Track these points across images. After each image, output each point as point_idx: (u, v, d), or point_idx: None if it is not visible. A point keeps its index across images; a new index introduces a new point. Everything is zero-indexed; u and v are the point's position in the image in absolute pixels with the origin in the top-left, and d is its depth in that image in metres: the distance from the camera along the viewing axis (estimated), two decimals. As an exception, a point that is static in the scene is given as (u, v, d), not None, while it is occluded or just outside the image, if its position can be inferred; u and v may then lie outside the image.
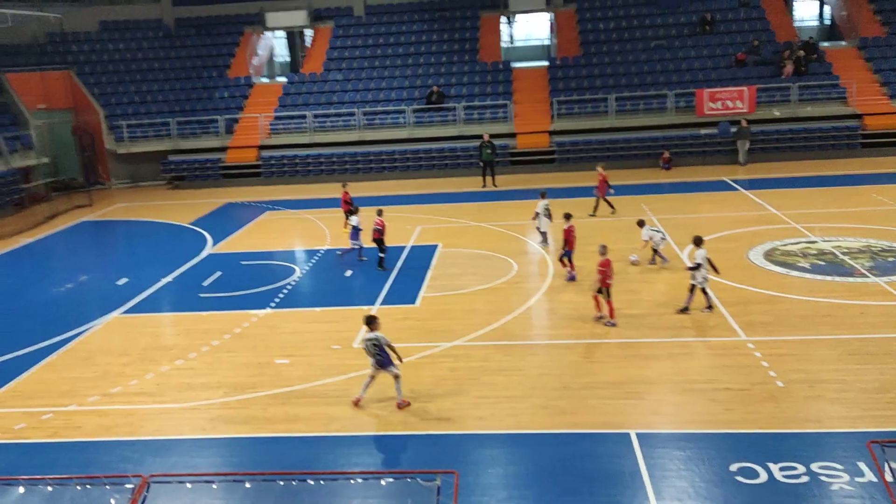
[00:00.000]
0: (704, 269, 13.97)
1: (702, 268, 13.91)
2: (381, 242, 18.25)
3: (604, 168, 22.70)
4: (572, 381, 11.75)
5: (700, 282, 14.02)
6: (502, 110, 31.01)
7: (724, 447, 9.71)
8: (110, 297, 17.42)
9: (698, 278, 13.99)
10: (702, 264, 13.90)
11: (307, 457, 10.04)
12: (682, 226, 20.40)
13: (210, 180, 31.50)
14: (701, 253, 13.96)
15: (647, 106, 30.34)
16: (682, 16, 33.79)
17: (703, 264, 13.91)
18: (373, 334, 11.04)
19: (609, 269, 13.73)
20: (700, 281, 14.01)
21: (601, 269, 13.70)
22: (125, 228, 25.33)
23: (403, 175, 30.51)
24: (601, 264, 13.71)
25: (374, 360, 11.13)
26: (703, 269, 13.93)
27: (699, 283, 14.03)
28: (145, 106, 33.33)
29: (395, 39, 35.07)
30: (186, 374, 12.95)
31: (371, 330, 11.06)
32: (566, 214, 16.83)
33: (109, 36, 36.45)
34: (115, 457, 10.36)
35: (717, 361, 12.16)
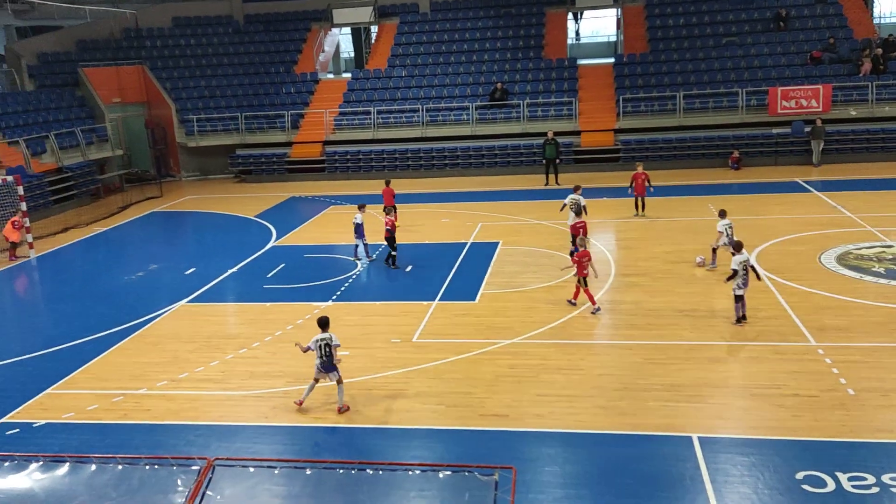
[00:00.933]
0: (740, 277, 13.28)
1: (738, 275, 13.28)
2: (392, 241, 18.33)
3: (643, 167, 22.18)
4: (633, 383, 11.57)
5: (734, 289, 13.45)
6: (567, 108, 30.71)
7: (790, 454, 9.41)
8: (179, 285, 17.97)
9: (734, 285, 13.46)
10: (738, 270, 13.30)
11: (366, 447, 10.17)
12: (751, 227, 19.85)
13: (275, 174, 32.15)
14: (737, 258, 13.38)
15: (717, 104, 29.58)
16: (755, 11, 32.83)
17: (738, 270, 13.29)
18: (325, 335, 11.10)
19: (585, 260, 14.56)
20: (734, 288, 13.44)
21: (576, 260, 14.60)
22: (193, 220, 26.07)
23: (465, 172, 30.54)
24: (578, 255, 14.61)
25: (319, 363, 11.10)
26: (739, 276, 13.28)
27: (734, 290, 13.48)
28: (214, 100, 34.22)
29: (459, 36, 35.10)
30: (250, 362, 13.26)
31: (324, 331, 11.13)
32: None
33: (181, 32, 37.55)
34: (181, 440, 10.69)
35: (785, 367, 11.79)
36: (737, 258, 13.39)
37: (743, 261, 13.31)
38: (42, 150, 28.62)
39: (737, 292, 13.43)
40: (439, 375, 12.24)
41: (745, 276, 13.27)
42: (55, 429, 11.20)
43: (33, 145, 28.18)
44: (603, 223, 21.71)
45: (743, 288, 13.38)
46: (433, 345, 13.49)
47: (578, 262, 14.63)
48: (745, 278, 13.28)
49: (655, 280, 16.29)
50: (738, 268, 13.25)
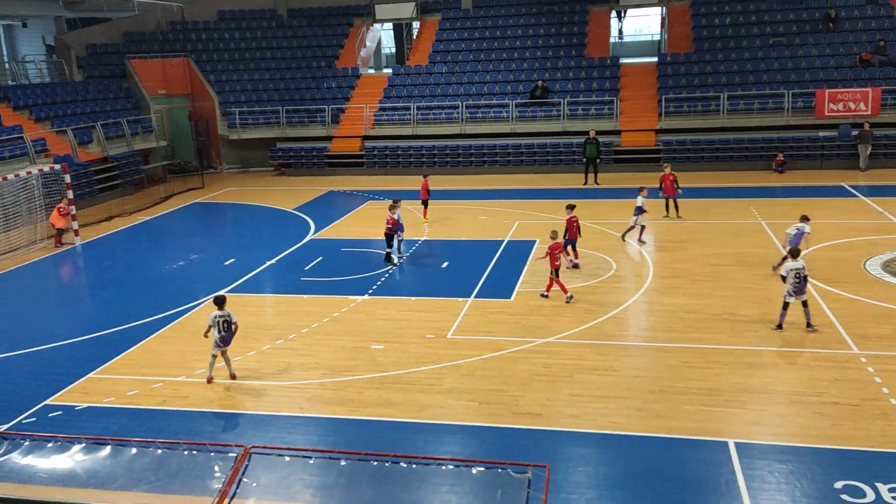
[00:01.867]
0: (790, 283, 13.05)
1: (786, 281, 13.08)
2: (390, 238, 18.46)
3: (671, 168, 21.85)
4: (669, 385, 11.44)
5: (784, 295, 13.21)
6: (608, 107, 30.43)
7: (829, 463, 9.23)
8: (218, 275, 18.25)
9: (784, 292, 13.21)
10: (785, 277, 13.08)
11: (398, 441, 10.23)
12: (793, 232, 19.47)
13: (315, 168, 32.44)
14: (788, 265, 13.13)
15: (762, 106, 29.04)
16: (804, 12, 32.15)
17: (787, 277, 13.04)
18: (223, 312, 12.09)
19: (557, 252, 15.24)
20: (785, 294, 13.20)
21: (548, 251, 15.24)
22: (233, 211, 26.45)
23: (504, 170, 30.47)
24: (550, 247, 15.23)
25: (218, 337, 12.05)
26: (788, 282, 13.06)
27: (784, 297, 13.24)
28: (257, 94, 34.64)
29: (501, 33, 34.99)
30: (286, 353, 13.42)
31: (220, 309, 12.10)
32: (569, 205, 17.61)
33: (226, 25, 38.08)
34: (217, 427, 10.88)
35: (826, 374, 11.56)
36: (788, 265, 13.15)
37: (796, 269, 12.98)
38: (89, 140, 29.28)
39: (786, 299, 13.17)
40: (473, 372, 12.25)
41: (796, 283, 12.97)
42: (96, 412, 11.47)
43: (80, 135, 28.84)
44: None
45: (794, 296, 13.08)
46: (467, 342, 13.51)
47: (551, 253, 15.24)
48: (796, 286, 13.00)
49: (694, 283, 16.08)
50: (788, 275, 13.02)
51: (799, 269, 12.98)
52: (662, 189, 21.52)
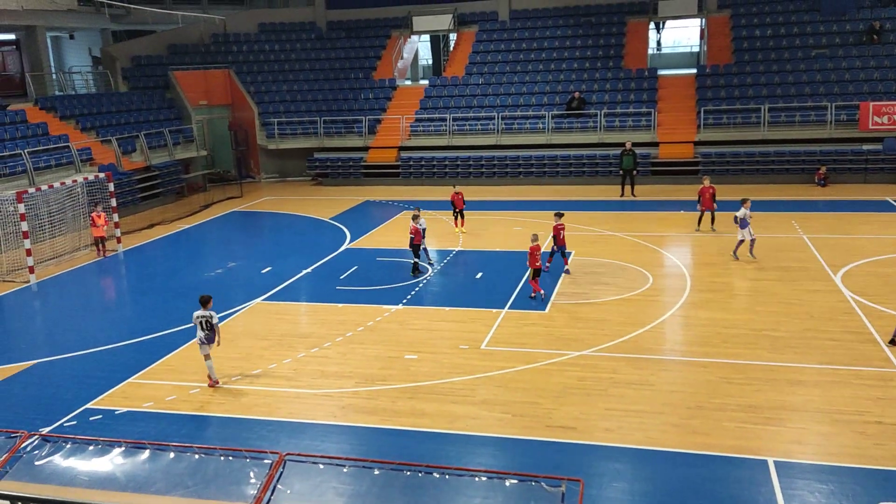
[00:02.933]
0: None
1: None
2: (417, 248, 18.59)
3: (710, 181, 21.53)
4: (707, 401, 11.25)
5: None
6: (645, 118, 30.20)
7: (871, 484, 8.98)
8: (255, 283, 18.48)
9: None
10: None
11: (431, 451, 10.21)
12: (837, 247, 19.08)
13: (351, 178, 32.71)
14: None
15: (804, 118, 28.55)
16: (847, 23, 31.58)
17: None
18: (205, 312, 12.37)
19: (537, 254, 15.85)
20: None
21: (529, 253, 15.89)
22: (271, 220, 26.77)
23: (540, 181, 30.38)
24: (532, 248, 15.85)
25: (203, 335, 12.36)
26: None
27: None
28: (295, 105, 35.09)
29: (538, 44, 34.98)
30: (321, 361, 13.51)
31: (204, 308, 12.40)
32: (557, 213, 18.14)
33: (266, 37, 38.69)
34: (252, 434, 10.98)
35: (869, 393, 11.26)
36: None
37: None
38: (132, 149, 29.94)
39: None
40: (506, 384, 12.20)
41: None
42: (135, 417, 11.67)
43: (124, 144, 29.51)
44: (679, 237, 21.23)
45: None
46: (501, 353, 13.46)
47: (531, 254, 15.90)
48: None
49: (733, 297, 15.83)
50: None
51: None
52: (700, 202, 21.25)
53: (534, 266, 16.12)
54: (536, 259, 16.06)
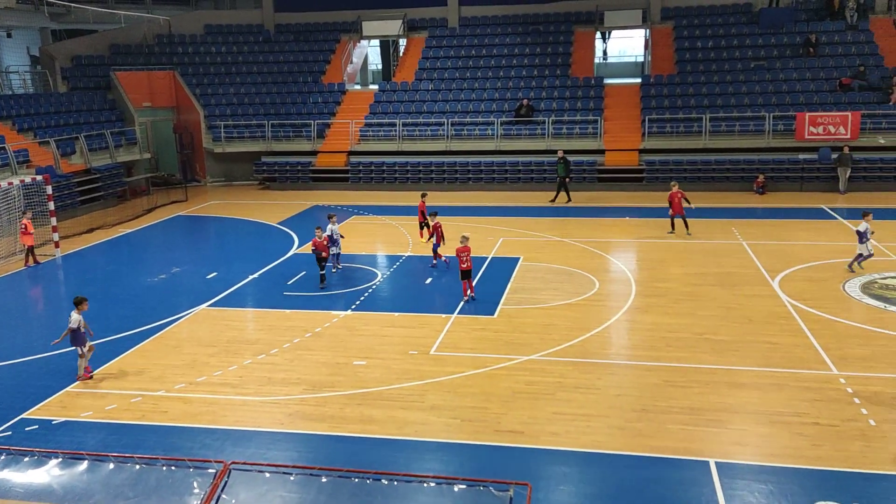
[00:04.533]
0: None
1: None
2: (321, 259, 18.00)
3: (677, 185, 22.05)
4: (651, 404, 11.47)
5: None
6: (592, 126, 30.69)
7: (809, 484, 9.28)
8: (200, 289, 18.12)
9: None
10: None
11: (380, 458, 10.16)
12: (774, 253, 19.68)
13: (300, 183, 32.40)
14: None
15: (743, 128, 29.43)
16: (784, 36, 32.69)
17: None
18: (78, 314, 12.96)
19: (465, 255, 16.25)
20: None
21: (457, 254, 16.35)
22: (217, 225, 26.32)
23: (489, 187, 30.57)
24: (458, 250, 16.31)
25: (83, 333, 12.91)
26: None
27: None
28: (242, 108, 34.62)
29: (487, 51, 35.26)
30: (268, 368, 13.32)
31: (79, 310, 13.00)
32: (432, 212, 19.67)
33: (213, 39, 38.09)
34: (196, 443, 10.75)
35: (806, 395, 11.64)
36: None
37: None
38: (72, 151, 29.08)
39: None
40: (455, 389, 12.23)
41: None
42: (73, 427, 11.31)
43: (63, 146, 28.64)
44: (624, 243, 21.62)
45: None
46: (450, 358, 13.49)
47: (458, 256, 16.35)
48: None
49: (676, 302, 16.18)
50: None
51: None
52: (671, 207, 21.67)
53: (462, 267, 16.44)
54: (463, 261, 16.38)
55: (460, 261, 16.44)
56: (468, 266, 16.47)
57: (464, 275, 16.51)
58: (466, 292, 16.60)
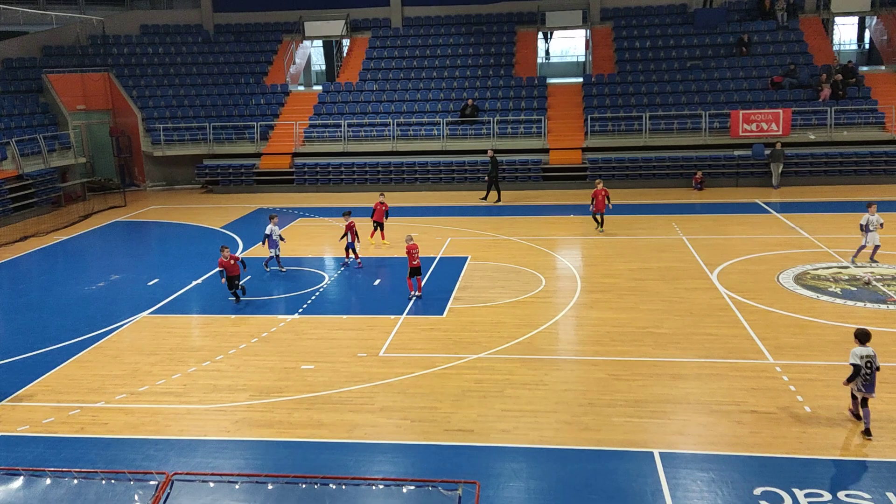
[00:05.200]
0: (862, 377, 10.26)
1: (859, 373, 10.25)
2: (230, 280, 16.69)
3: (601, 183, 22.41)
4: (597, 398, 11.67)
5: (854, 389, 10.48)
6: (536, 125, 31.03)
7: (748, 470, 9.57)
8: (141, 296, 17.70)
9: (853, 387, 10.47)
10: (859, 366, 10.24)
11: (329, 462, 10.09)
12: (713, 247, 20.22)
13: (243, 185, 31.91)
14: (857, 351, 10.32)
15: (682, 126, 30.15)
16: (718, 36, 33.60)
17: (859, 365, 10.24)
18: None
19: (415, 252, 16.44)
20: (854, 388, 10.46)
21: (409, 251, 16.47)
22: (158, 230, 25.73)
23: (436, 187, 30.62)
24: (410, 247, 16.42)
25: None
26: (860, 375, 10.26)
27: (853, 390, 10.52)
28: (182, 110, 33.91)
29: (431, 51, 35.32)
30: (213, 375, 13.10)
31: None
32: (346, 212, 19.59)
33: (150, 40, 37.21)
34: (139, 454, 10.50)
35: (744, 384, 12.00)
36: (857, 351, 10.37)
37: (866, 355, 10.28)
38: (2, 157, 28.05)
39: (855, 392, 10.47)
40: (405, 390, 12.22)
41: (867, 376, 10.26)
42: (9, 442, 10.92)
43: (-7, 151, 27.62)
44: (569, 240, 21.93)
45: (864, 391, 10.29)
46: (400, 359, 13.48)
47: (410, 253, 16.47)
48: (866, 380, 10.26)
49: (620, 297, 16.49)
50: (858, 361, 10.26)
51: (871, 358, 10.30)
52: (593, 204, 22.05)
53: (411, 265, 16.60)
54: (413, 258, 16.52)
55: (411, 258, 16.52)
56: (418, 263, 16.65)
57: (413, 272, 16.65)
58: (413, 289, 16.71)
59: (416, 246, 16.63)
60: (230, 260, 16.70)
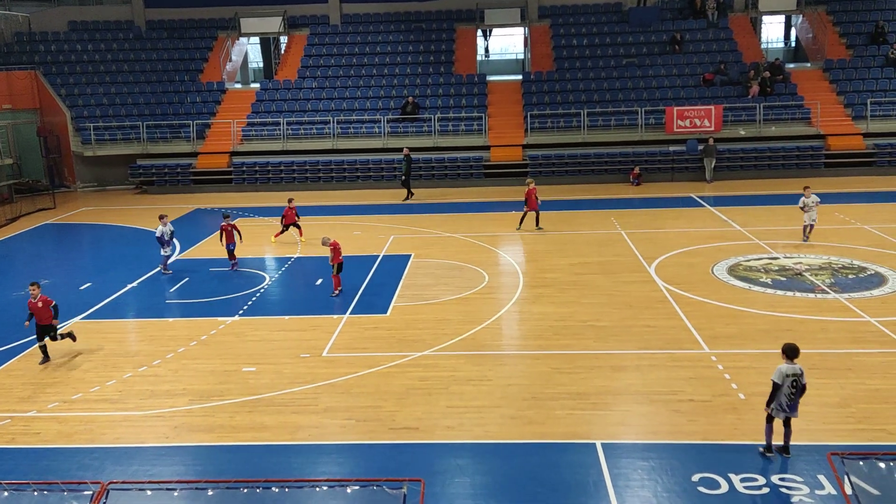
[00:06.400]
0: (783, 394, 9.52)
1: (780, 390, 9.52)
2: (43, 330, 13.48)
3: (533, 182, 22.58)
4: (541, 392, 11.81)
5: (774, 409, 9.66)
6: (477, 123, 31.19)
7: (686, 458, 9.83)
8: (73, 301, 17.11)
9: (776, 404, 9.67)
10: (779, 384, 9.50)
11: (273, 465, 9.97)
12: (650, 240, 20.68)
13: (180, 186, 31.18)
14: (783, 368, 9.52)
15: (619, 122, 30.74)
16: (652, 34, 34.35)
17: (780, 383, 9.49)
18: None
19: (337, 251, 16.63)
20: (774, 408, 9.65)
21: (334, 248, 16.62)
22: (90, 232, 24.94)
23: (378, 185, 30.48)
24: (334, 245, 16.60)
25: None
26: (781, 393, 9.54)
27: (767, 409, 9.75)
28: (114, 108, 32.92)
29: (370, 49, 35.12)
30: (150, 380, 12.77)
31: None
32: (226, 213, 19.66)
33: (78, 37, 36.00)
34: (74, 464, 10.17)
35: (681, 373, 12.32)
36: (781, 367, 9.56)
37: (791, 374, 9.50)
38: (-79, 158, 26.76)
39: (772, 412, 9.67)
40: (349, 390, 12.15)
41: (791, 395, 9.54)
42: (-67, 456, 10.44)
43: (-89, 153, 26.31)
44: (511, 236, 22.12)
45: (783, 411, 9.58)
46: (343, 359, 13.38)
47: (336, 249, 16.69)
48: (790, 399, 9.54)
49: (562, 291, 16.72)
50: (779, 379, 9.52)
51: (797, 376, 9.52)
52: (527, 203, 22.20)
53: (336, 261, 16.75)
54: (338, 255, 16.72)
55: (337, 254, 16.67)
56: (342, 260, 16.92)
57: (339, 269, 16.87)
58: (338, 286, 16.98)
59: (337, 244, 16.77)
60: (38, 302, 13.41)
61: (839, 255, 18.59)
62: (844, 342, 13.36)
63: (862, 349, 12.99)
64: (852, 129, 29.85)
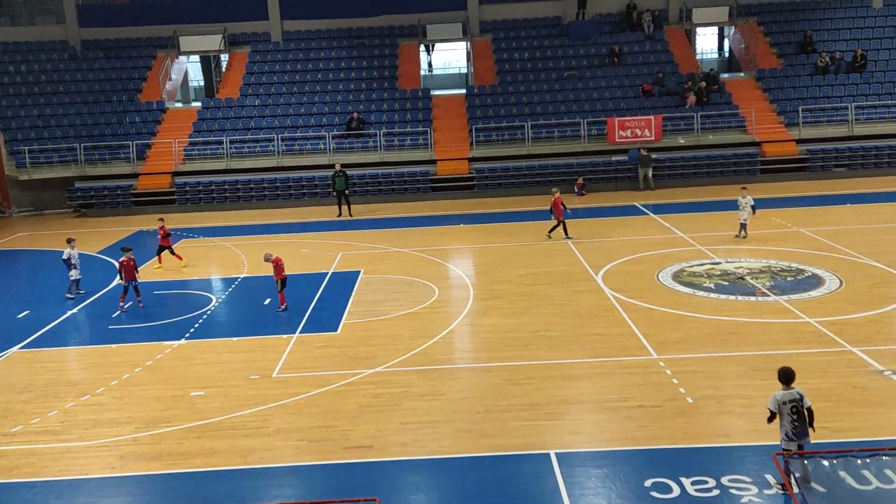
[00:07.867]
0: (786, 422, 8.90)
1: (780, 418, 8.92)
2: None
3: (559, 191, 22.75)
4: (494, 404, 11.85)
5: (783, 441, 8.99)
6: (422, 137, 31.29)
7: (638, 463, 9.97)
8: (10, 330, 16.53)
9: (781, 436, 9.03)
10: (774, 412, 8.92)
11: (224, 491, 9.76)
12: (597, 250, 21.00)
13: (121, 208, 30.43)
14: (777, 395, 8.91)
15: (562, 134, 31.22)
16: (591, 47, 35.04)
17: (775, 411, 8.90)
18: None
19: (281, 264, 16.59)
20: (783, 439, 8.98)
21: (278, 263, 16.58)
22: (27, 258, 24.14)
23: (324, 201, 30.25)
24: (274, 260, 16.58)
25: None
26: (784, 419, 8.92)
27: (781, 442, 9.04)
28: (50, 130, 32.00)
29: (313, 65, 34.96)
30: (94, 409, 12.39)
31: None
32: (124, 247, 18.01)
33: (10, 58, 34.93)
34: (16, 499, 9.80)
35: (631, 380, 12.51)
36: (777, 395, 8.94)
37: (789, 400, 8.87)
38: None
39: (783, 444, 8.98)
40: (301, 410, 11.98)
41: (794, 422, 8.87)
42: None
43: None
44: (460, 249, 22.21)
45: (791, 440, 8.92)
46: (294, 379, 13.20)
47: (278, 266, 16.60)
48: (794, 426, 8.87)
49: (512, 303, 16.83)
50: (774, 407, 8.92)
51: (797, 402, 8.87)
52: (553, 212, 22.17)
53: (279, 277, 16.70)
54: (281, 270, 16.66)
55: (280, 270, 16.63)
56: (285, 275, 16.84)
57: (283, 284, 16.78)
58: (283, 303, 16.89)
59: (279, 259, 16.69)
60: None
61: (778, 258, 19.17)
62: (786, 343, 13.76)
63: (803, 349, 13.40)
64: (785, 135, 30.91)
